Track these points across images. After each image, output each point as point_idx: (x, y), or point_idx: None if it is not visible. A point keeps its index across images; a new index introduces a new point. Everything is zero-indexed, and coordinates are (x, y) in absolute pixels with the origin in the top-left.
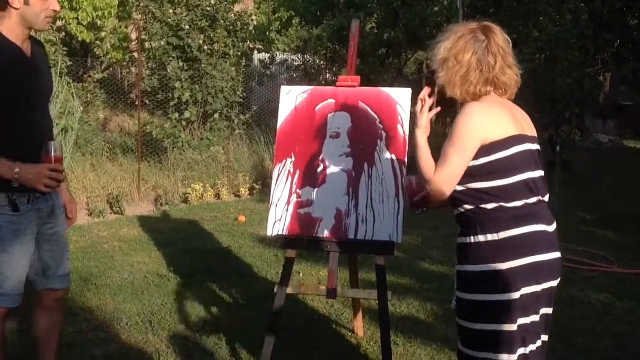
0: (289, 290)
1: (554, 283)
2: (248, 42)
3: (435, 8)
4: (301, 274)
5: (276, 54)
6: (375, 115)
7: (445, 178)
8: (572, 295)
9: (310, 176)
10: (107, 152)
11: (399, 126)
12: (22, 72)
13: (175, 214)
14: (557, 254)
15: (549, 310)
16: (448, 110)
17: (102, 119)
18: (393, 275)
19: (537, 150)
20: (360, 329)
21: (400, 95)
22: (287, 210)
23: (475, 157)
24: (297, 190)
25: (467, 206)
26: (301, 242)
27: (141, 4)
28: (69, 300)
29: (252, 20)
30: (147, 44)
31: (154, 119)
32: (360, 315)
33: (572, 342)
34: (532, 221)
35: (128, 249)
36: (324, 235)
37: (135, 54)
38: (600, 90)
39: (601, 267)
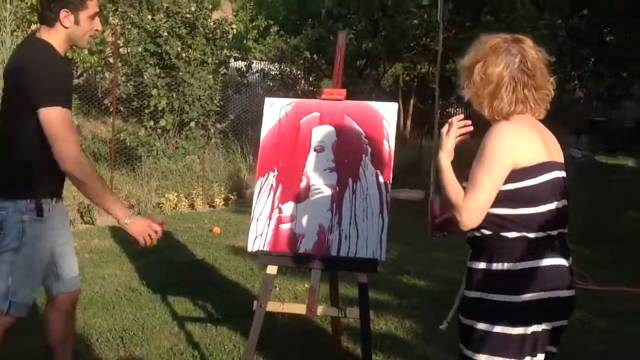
0: (268, 308)
1: (565, 322)
2: (226, 50)
3: (415, 21)
4: (278, 288)
5: (253, 63)
6: (360, 130)
7: (477, 205)
8: None
9: (293, 191)
10: None
11: (384, 141)
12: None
13: None
14: (573, 292)
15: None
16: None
17: (76, 125)
18: (370, 290)
19: (564, 177)
20: (339, 345)
21: (387, 110)
22: (268, 225)
23: (504, 182)
24: (280, 205)
25: (486, 232)
26: (283, 258)
27: (119, 9)
28: (38, 316)
29: (232, 28)
30: (123, 50)
31: (128, 127)
32: (339, 331)
33: None
34: (552, 254)
35: (99, 261)
36: (306, 252)
37: (111, 59)
38: (578, 105)
39: (577, 284)
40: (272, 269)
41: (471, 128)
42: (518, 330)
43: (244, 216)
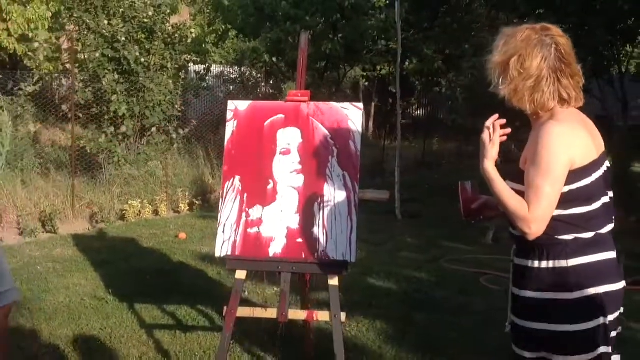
0: (238, 313)
1: (617, 314)
2: (185, 55)
3: (372, 22)
4: (246, 292)
5: (212, 66)
6: (326, 131)
7: (543, 213)
8: None
9: (260, 194)
10: (38, 167)
11: (350, 142)
12: None
13: (112, 232)
14: (623, 283)
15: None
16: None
17: (34, 132)
18: (340, 292)
19: (608, 167)
20: (312, 347)
21: (352, 111)
22: (236, 230)
23: None
24: (247, 209)
25: None
26: (252, 263)
27: (75, 15)
28: None
29: (191, 33)
30: (80, 56)
31: (88, 133)
32: (311, 333)
33: None
34: (602, 249)
35: (63, 270)
36: (276, 256)
37: (68, 66)
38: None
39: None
40: (241, 274)
41: (509, 129)
42: (577, 327)
43: (209, 221)
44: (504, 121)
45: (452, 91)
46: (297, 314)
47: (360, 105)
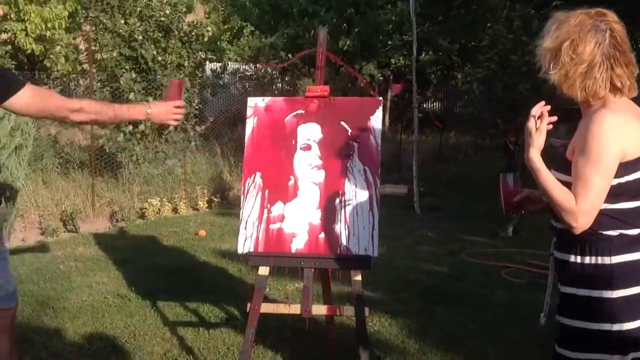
0: (262, 309)
1: None
2: (201, 52)
3: (387, 15)
4: (267, 289)
5: (228, 64)
6: (346, 126)
7: (592, 206)
8: (541, 300)
9: (281, 190)
10: (58, 167)
11: (371, 137)
12: None
13: (133, 230)
14: None
15: None
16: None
17: (54, 134)
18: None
19: None
20: (335, 343)
21: (372, 105)
22: (258, 226)
23: None
24: (268, 205)
25: None
26: (274, 259)
27: (91, 15)
28: (25, 327)
29: (207, 31)
30: (97, 56)
31: (106, 132)
32: (333, 330)
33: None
34: None
35: (85, 269)
36: (298, 251)
37: (85, 66)
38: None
39: None
40: (263, 270)
41: (555, 117)
42: (618, 327)
43: (228, 218)
44: (549, 107)
45: (469, 84)
46: (321, 310)
47: (380, 99)
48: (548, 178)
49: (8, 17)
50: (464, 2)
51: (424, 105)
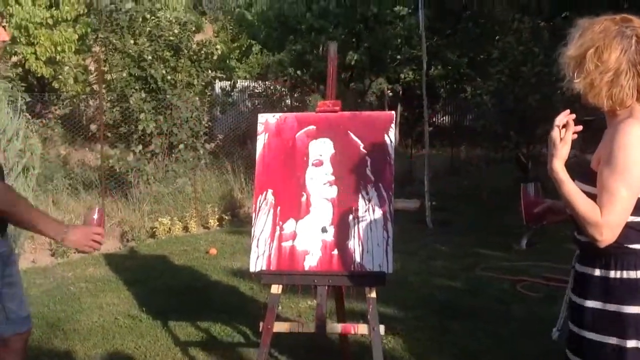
0: (275, 328)
1: None
2: (211, 71)
3: (396, 30)
4: (280, 307)
5: (237, 82)
6: (358, 141)
7: (618, 219)
8: (558, 314)
9: (293, 207)
10: (68, 188)
11: (384, 152)
12: None
13: (143, 250)
14: None
15: None
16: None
17: (64, 155)
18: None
19: None
20: None
21: (384, 119)
22: (270, 244)
23: None
24: (280, 222)
25: None
26: (287, 277)
27: (100, 36)
28: (35, 349)
29: (216, 49)
30: (107, 76)
31: (116, 153)
32: (348, 347)
33: None
34: None
35: (96, 290)
36: (311, 269)
37: (95, 87)
38: (574, 105)
39: None
40: (276, 289)
41: (581, 127)
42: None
43: (239, 236)
44: (574, 116)
45: (480, 97)
46: (335, 328)
47: (392, 113)
48: (572, 189)
49: (18, 40)
50: (472, 16)
51: (434, 119)
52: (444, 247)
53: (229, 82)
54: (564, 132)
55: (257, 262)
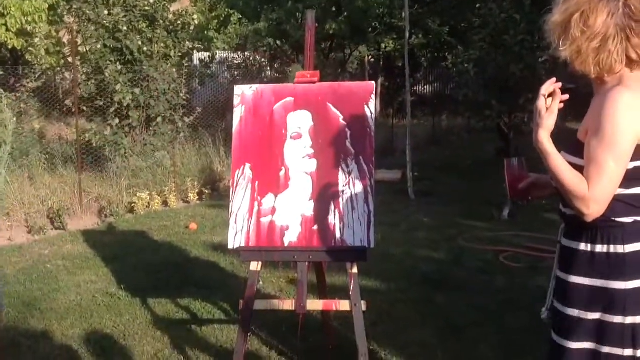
0: (255, 306)
1: None
2: (188, 42)
3: None
4: (261, 282)
5: (216, 53)
6: (338, 113)
7: (605, 192)
8: (541, 285)
9: (272, 182)
10: (45, 163)
11: (364, 123)
12: None
13: (122, 225)
14: None
15: None
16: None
17: (38, 129)
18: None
19: None
20: (331, 336)
21: (364, 90)
22: (249, 220)
23: None
24: (259, 197)
25: None
26: (267, 253)
27: (74, 7)
28: (11, 329)
29: (193, 20)
30: (81, 48)
31: (93, 126)
32: (330, 324)
33: None
34: None
35: (73, 268)
36: (291, 245)
37: (70, 59)
38: (559, 73)
39: None
40: (255, 266)
41: (567, 95)
42: (628, 320)
43: (219, 210)
44: (560, 85)
45: (462, 65)
46: (316, 304)
47: (372, 83)
48: (558, 162)
49: None
50: None
51: (415, 89)
52: (426, 218)
53: (208, 54)
54: (550, 101)
55: (236, 238)
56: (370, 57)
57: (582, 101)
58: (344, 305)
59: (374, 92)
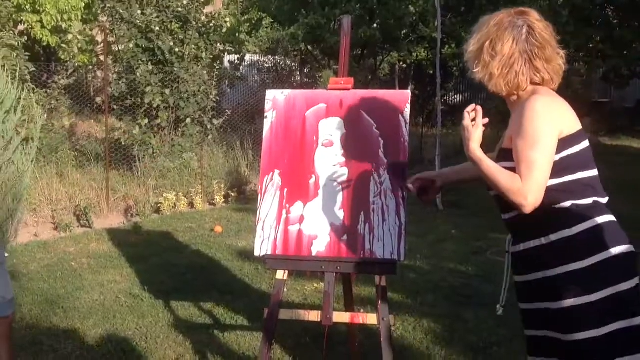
0: (280, 316)
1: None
2: (219, 44)
3: (411, 7)
4: (285, 289)
5: (246, 56)
6: (371, 121)
7: (538, 184)
8: None
9: (301, 189)
10: (73, 160)
11: (398, 133)
12: None
13: (148, 225)
14: (632, 247)
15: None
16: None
17: (68, 126)
18: None
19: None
20: (358, 349)
21: (399, 99)
22: (276, 227)
23: None
24: (287, 205)
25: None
26: (293, 262)
27: (107, 6)
28: (33, 327)
29: (225, 22)
30: (114, 47)
31: (122, 125)
32: (355, 336)
33: None
34: (604, 212)
35: (98, 267)
36: (319, 255)
37: (102, 58)
38: (590, 87)
39: None
40: (281, 274)
41: (487, 119)
42: (597, 296)
43: (245, 214)
44: (478, 108)
45: None
46: (342, 317)
47: (408, 92)
48: (490, 165)
49: (23, 8)
50: None
51: (445, 98)
52: (455, 230)
53: (238, 56)
54: (474, 117)
55: (262, 246)
56: (402, 62)
57: (613, 115)
58: (371, 318)
59: (409, 101)
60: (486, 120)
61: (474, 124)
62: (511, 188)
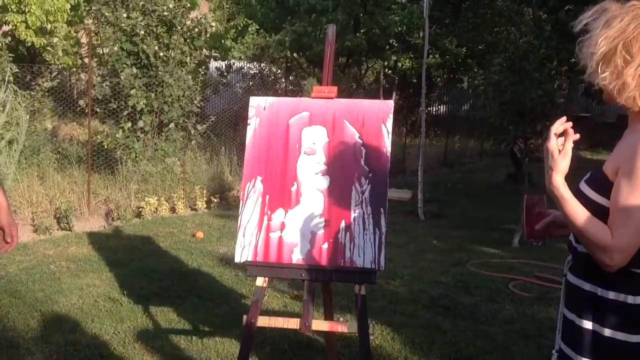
0: (259, 323)
1: None
2: (205, 50)
3: (396, 17)
4: (266, 296)
5: (233, 62)
6: (354, 130)
7: (633, 243)
8: (551, 316)
9: (283, 197)
10: (55, 163)
11: (380, 142)
12: None
13: (128, 230)
14: None
15: None
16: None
17: (51, 128)
18: None
19: None
20: (334, 356)
21: (382, 108)
22: (257, 234)
23: None
24: (269, 212)
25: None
26: (273, 269)
27: (93, 8)
28: (10, 330)
29: (211, 27)
30: (99, 50)
31: (105, 129)
32: (334, 342)
33: None
34: None
35: (77, 270)
36: (299, 262)
37: (87, 60)
38: (574, 102)
39: None
40: (261, 281)
41: (578, 135)
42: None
43: (227, 220)
44: (571, 124)
45: (479, 87)
46: (321, 325)
47: (391, 102)
48: (576, 208)
49: (8, 8)
50: (472, 5)
51: (429, 108)
52: (436, 241)
53: (224, 63)
54: (562, 141)
55: (243, 252)
56: (386, 69)
57: (594, 129)
58: (350, 327)
59: (392, 112)
60: (577, 136)
61: (562, 149)
62: (599, 243)
